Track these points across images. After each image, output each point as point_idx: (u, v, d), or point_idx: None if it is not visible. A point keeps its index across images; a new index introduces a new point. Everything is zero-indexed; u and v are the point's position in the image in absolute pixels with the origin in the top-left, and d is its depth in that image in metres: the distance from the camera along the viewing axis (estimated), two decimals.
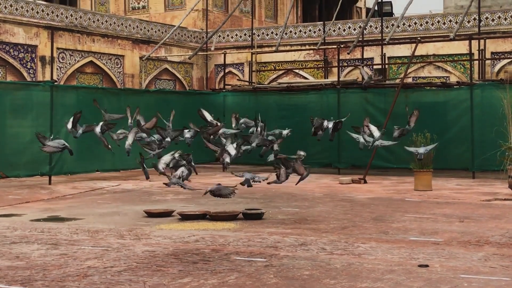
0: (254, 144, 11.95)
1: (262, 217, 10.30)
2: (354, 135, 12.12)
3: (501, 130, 14.04)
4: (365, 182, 16.05)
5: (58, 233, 8.88)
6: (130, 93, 19.97)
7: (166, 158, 10.85)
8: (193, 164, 11.10)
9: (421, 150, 12.04)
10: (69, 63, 22.55)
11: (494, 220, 10.05)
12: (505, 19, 22.50)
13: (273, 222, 9.97)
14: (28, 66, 21.31)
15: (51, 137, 11.22)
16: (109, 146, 11.44)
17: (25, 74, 21.21)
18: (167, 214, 10.71)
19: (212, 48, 25.79)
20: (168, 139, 11.40)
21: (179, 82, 26.84)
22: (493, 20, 22.67)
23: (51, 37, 18.12)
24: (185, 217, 10.37)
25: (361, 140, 11.64)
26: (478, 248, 7.76)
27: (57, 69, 21.49)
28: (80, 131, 11.21)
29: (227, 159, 10.94)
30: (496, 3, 46.41)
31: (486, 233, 8.75)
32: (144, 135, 11.18)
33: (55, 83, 17.29)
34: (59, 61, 22.17)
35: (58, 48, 21.94)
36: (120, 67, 24.40)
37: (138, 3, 31.12)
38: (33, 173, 16.10)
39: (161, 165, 10.57)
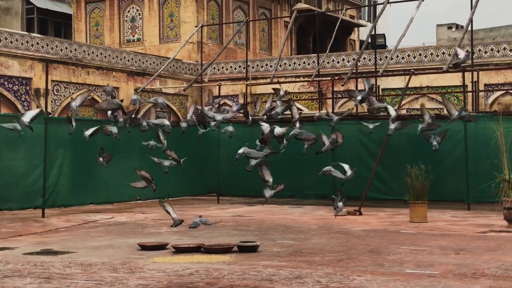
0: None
1: (257, 250, 10.21)
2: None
3: (495, 161, 14.04)
4: (361, 214, 15.99)
5: (51, 267, 8.79)
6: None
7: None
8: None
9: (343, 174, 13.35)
10: (64, 96, 22.57)
11: (489, 252, 9.99)
12: (498, 51, 22.66)
13: (268, 254, 9.89)
14: (23, 99, 21.31)
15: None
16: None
17: (20, 107, 21.20)
18: (161, 247, 10.62)
19: (206, 80, 25.86)
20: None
21: (174, 113, 26.86)
22: (485, 52, 22.83)
23: (46, 70, 18.14)
24: (179, 250, 10.28)
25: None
26: (474, 280, 7.70)
27: (51, 101, 21.49)
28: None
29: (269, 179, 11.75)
30: (489, 35, 46.85)
31: (482, 266, 8.70)
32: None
33: (49, 116, 17.27)
34: (54, 93, 22.18)
35: (52, 81, 21.98)
36: (116, 97, 24.41)
37: (133, 36, 31.27)
38: (26, 206, 15.99)
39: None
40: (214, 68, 27.89)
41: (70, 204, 17.00)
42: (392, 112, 13.42)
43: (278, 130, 12.63)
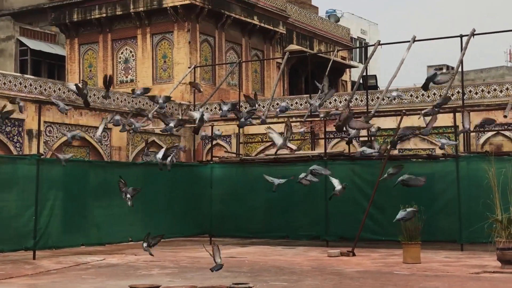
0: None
1: None
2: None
3: (488, 202, 14.05)
4: (354, 254, 15.93)
5: None
6: (117, 166, 19.91)
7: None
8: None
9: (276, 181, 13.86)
10: (56, 137, 22.57)
11: None
12: (488, 92, 22.86)
13: None
14: (15, 140, 21.30)
15: None
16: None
17: (12, 148, 21.18)
18: None
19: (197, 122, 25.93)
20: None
21: None
22: (476, 93, 23.02)
23: (39, 111, 18.20)
24: None
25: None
26: None
27: (44, 142, 21.47)
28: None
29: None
30: (479, 76, 47.31)
31: None
32: None
33: (42, 157, 17.25)
34: (46, 134, 22.19)
35: (45, 122, 21.99)
36: (107, 140, 24.44)
37: (126, 77, 31.44)
38: (17, 248, 15.86)
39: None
40: (207, 108, 27.98)
41: (61, 246, 16.87)
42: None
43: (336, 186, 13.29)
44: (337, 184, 13.52)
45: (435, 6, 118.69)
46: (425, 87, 13.28)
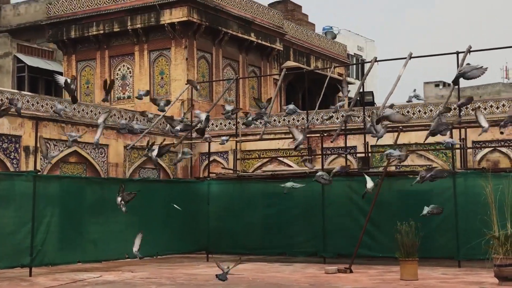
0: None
1: None
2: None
3: (485, 218, 14.04)
4: (351, 271, 15.89)
5: None
6: (114, 182, 19.88)
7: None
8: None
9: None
10: (53, 153, 22.53)
11: None
12: (485, 108, 22.92)
13: None
14: (12, 157, 21.28)
15: None
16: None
17: (9, 165, 21.15)
18: None
19: (193, 135, 25.97)
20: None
21: (164, 171, 26.84)
22: (473, 110, 23.05)
23: (36, 128, 18.18)
24: None
25: None
26: None
27: (40, 159, 21.43)
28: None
29: None
30: (476, 93, 47.48)
31: None
32: None
33: (38, 173, 17.22)
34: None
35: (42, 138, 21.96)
36: (104, 156, 24.43)
37: (124, 94, 31.48)
38: (14, 265, 15.78)
39: None
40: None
41: (57, 263, 16.79)
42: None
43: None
44: (369, 182, 14.67)
45: (431, 22, 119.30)
46: (456, 81, 13.96)
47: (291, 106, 17.51)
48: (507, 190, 14.17)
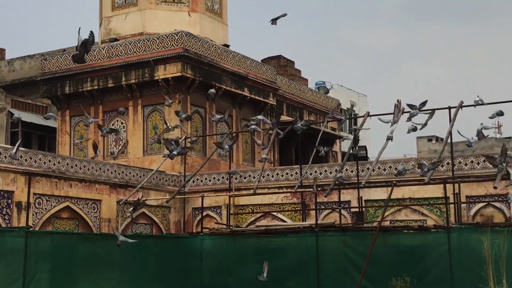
0: None
1: None
2: None
3: (481, 273, 13.95)
4: None
5: None
6: (106, 238, 19.73)
7: None
8: None
9: None
10: (45, 209, 22.40)
11: None
12: (478, 163, 22.98)
13: None
14: (4, 212, 21.11)
15: None
16: None
17: (0, 220, 20.97)
18: None
19: (186, 189, 25.91)
20: None
21: (156, 226, 26.66)
22: (466, 164, 23.12)
23: (28, 183, 18.13)
24: None
25: None
26: None
27: (33, 214, 21.30)
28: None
29: None
30: (468, 148, 47.69)
31: None
32: None
33: (30, 229, 17.10)
34: (35, 206, 22.02)
35: (34, 194, 21.86)
36: (96, 211, 24.28)
37: (117, 148, 31.47)
38: None
39: None
40: (197, 179, 27.97)
41: None
42: None
43: None
44: None
45: (423, 78, 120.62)
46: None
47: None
48: (502, 245, 14.13)
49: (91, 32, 11.40)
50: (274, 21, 17.88)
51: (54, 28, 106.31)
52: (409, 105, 18.07)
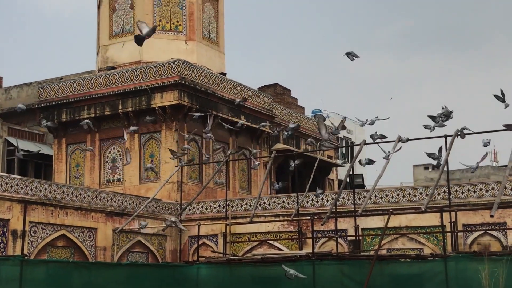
0: None
1: None
2: None
3: None
4: None
5: None
6: (102, 266, 19.66)
7: None
8: None
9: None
10: (41, 237, 22.30)
11: None
12: (474, 191, 22.98)
13: None
14: None
15: None
16: None
17: None
18: None
19: (182, 217, 25.84)
20: None
21: (152, 254, 26.52)
22: (462, 193, 23.12)
23: (24, 211, 18.07)
24: None
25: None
26: None
27: (28, 243, 21.20)
28: None
29: None
30: (465, 176, 47.66)
31: None
32: None
33: (26, 258, 17.01)
34: (31, 234, 21.92)
35: (30, 222, 21.77)
36: (92, 240, 24.16)
37: (113, 176, 31.43)
38: None
39: None
40: (194, 207, 27.91)
41: None
42: None
43: None
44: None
45: (420, 106, 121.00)
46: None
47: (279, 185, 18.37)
48: (501, 274, 14.09)
49: (155, 25, 12.58)
50: (349, 56, 18.39)
51: (51, 56, 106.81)
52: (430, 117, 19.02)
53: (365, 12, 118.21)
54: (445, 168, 20.41)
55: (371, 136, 19.77)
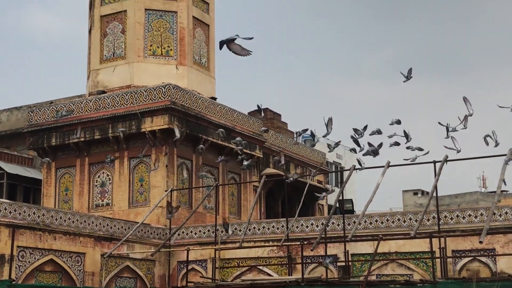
0: None
1: None
2: None
3: None
4: None
5: None
6: None
7: None
8: None
9: None
10: (29, 262, 22.15)
11: None
12: (463, 217, 23.02)
13: None
14: None
15: None
16: None
17: None
18: None
19: (172, 242, 25.72)
20: None
21: (141, 279, 26.37)
22: (451, 218, 23.16)
23: (12, 236, 17.97)
24: None
25: None
26: None
27: (16, 267, 21.05)
28: None
29: None
30: (454, 201, 47.86)
31: None
32: None
33: (13, 282, 16.88)
34: (19, 259, 21.77)
35: (18, 246, 21.64)
36: (80, 265, 24.01)
37: (102, 200, 31.31)
38: None
39: None
40: (183, 232, 27.81)
41: None
42: None
43: None
44: None
45: (409, 132, 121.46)
46: None
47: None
48: None
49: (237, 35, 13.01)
50: (407, 77, 18.63)
51: (41, 80, 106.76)
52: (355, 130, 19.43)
53: (355, 37, 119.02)
54: (434, 194, 20.46)
55: (354, 130, 20.06)
